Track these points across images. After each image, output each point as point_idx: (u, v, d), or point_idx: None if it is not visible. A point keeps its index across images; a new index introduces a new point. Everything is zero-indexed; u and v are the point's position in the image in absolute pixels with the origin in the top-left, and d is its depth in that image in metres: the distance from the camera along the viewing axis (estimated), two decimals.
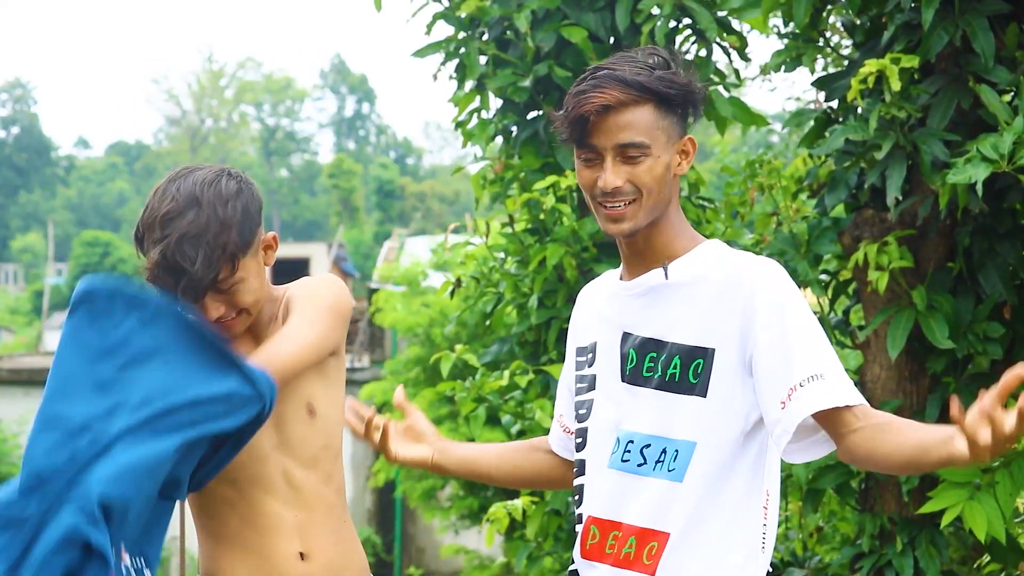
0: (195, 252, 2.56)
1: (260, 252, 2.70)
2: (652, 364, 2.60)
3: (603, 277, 2.80)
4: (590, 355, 2.73)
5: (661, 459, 2.58)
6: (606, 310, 2.71)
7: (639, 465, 2.60)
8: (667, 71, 2.56)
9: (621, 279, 2.70)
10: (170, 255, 2.55)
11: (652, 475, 2.58)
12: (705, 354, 2.55)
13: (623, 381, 2.64)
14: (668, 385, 2.57)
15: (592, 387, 2.71)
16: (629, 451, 2.61)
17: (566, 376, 2.89)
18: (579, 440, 2.73)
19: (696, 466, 2.55)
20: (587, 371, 2.74)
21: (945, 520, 4.38)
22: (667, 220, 2.62)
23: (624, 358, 2.64)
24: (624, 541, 2.60)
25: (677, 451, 2.56)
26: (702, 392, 2.54)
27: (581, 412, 2.73)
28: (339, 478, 2.83)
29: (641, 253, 2.65)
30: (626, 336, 2.65)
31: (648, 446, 2.59)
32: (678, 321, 2.58)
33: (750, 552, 2.57)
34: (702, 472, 2.54)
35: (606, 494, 2.65)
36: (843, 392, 2.47)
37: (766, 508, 2.59)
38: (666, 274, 2.61)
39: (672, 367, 2.57)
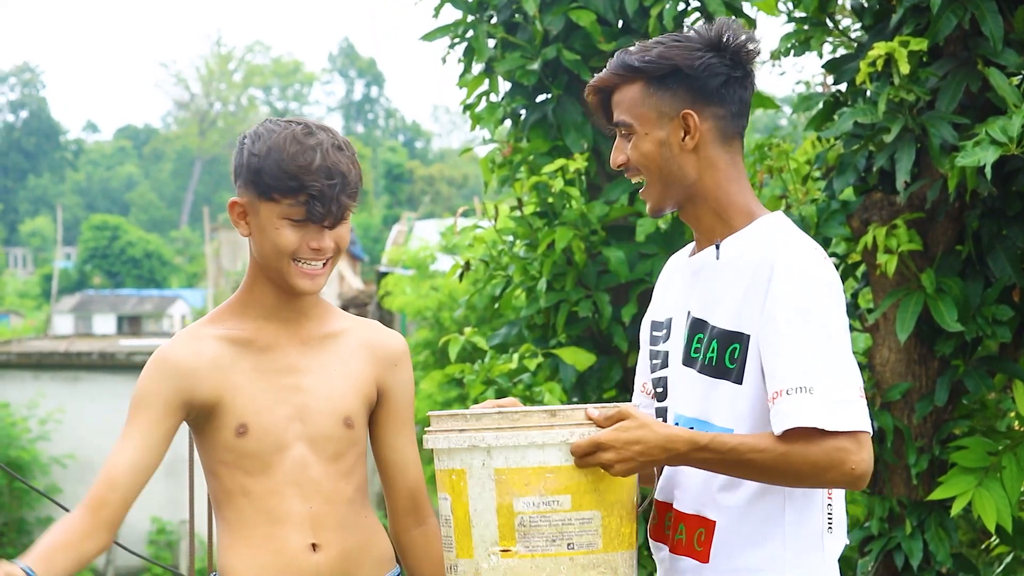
0: (346, 160, 2.62)
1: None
2: (698, 345, 2.52)
3: (683, 250, 2.70)
4: (665, 331, 2.64)
5: None
6: (676, 286, 2.64)
7: None
8: (668, 47, 2.49)
9: (691, 255, 2.61)
10: (330, 160, 2.60)
11: None
12: (741, 339, 2.45)
13: (681, 363, 2.56)
14: (708, 368, 2.49)
15: (665, 364, 2.62)
16: None
17: (643, 349, 2.76)
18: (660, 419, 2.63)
19: None
20: (661, 347, 2.64)
21: (955, 509, 4.39)
22: (705, 198, 2.53)
23: (684, 338, 2.56)
24: (675, 527, 2.54)
25: None
26: (738, 379, 2.44)
27: (659, 391, 2.64)
28: (361, 475, 2.79)
29: (697, 230, 2.57)
30: (687, 315, 2.56)
31: (692, 429, 2.46)
32: (719, 303, 2.49)
33: (813, 538, 2.46)
34: None
35: (664, 477, 2.60)
36: (823, 415, 2.32)
37: (829, 491, 2.48)
38: (717, 253, 2.52)
39: (711, 350, 2.48)
